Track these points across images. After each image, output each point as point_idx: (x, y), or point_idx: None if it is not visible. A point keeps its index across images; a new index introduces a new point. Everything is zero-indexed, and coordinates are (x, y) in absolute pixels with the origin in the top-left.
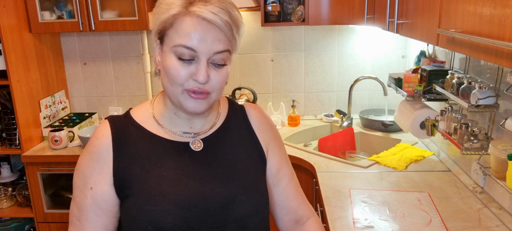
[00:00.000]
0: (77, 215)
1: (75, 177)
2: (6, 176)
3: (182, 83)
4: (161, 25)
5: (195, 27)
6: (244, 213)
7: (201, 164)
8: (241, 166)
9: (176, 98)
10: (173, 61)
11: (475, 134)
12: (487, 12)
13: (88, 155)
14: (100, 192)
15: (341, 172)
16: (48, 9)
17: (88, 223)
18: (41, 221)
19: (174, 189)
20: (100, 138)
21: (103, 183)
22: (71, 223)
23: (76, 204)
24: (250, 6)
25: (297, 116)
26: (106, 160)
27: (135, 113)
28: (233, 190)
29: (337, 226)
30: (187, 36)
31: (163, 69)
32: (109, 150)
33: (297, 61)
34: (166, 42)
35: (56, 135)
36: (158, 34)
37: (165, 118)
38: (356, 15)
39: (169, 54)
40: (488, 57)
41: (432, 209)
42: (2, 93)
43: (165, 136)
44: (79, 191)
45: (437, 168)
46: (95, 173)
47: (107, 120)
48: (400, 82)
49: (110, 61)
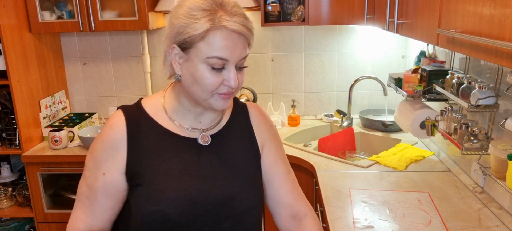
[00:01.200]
0: (86, 194)
1: (88, 158)
2: (6, 176)
3: (214, 89)
4: (188, 36)
5: (226, 40)
6: (241, 210)
7: (206, 160)
8: (241, 164)
9: (205, 101)
10: (205, 72)
11: (475, 134)
12: (487, 12)
13: (102, 143)
14: (111, 179)
15: (341, 172)
16: (48, 9)
17: (96, 203)
18: (41, 221)
19: (181, 183)
20: (115, 128)
21: (115, 171)
22: (79, 199)
23: (86, 184)
24: (250, 6)
25: (297, 116)
26: (119, 151)
27: (147, 105)
28: (232, 188)
29: (337, 226)
30: (221, 49)
31: (192, 77)
32: (123, 141)
33: (297, 61)
34: (195, 53)
35: (56, 135)
36: (179, 42)
37: (177, 114)
38: (356, 15)
39: (200, 65)
40: (488, 57)
41: (432, 209)
42: (2, 93)
43: (175, 130)
44: (91, 172)
45: (437, 168)
46: (109, 161)
47: (121, 110)
48: (400, 82)
49: (110, 61)
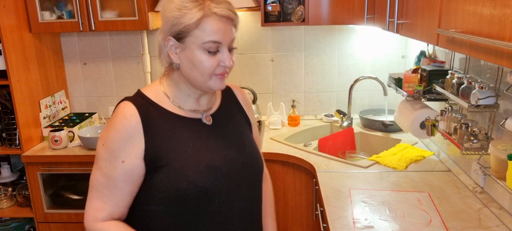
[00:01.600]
0: (104, 184)
1: (101, 150)
2: (6, 176)
3: (212, 71)
4: (184, 27)
5: (218, 25)
6: (254, 173)
7: (215, 136)
8: (243, 136)
9: (204, 84)
10: (203, 56)
11: (475, 134)
12: (487, 12)
13: (117, 133)
14: (131, 165)
15: (341, 172)
16: (48, 9)
17: (117, 190)
18: (41, 221)
19: (201, 157)
20: (128, 118)
21: (134, 157)
22: (96, 190)
23: (103, 174)
24: (250, 6)
25: (297, 116)
26: (136, 138)
27: (149, 93)
28: (244, 156)
29: (337, 226)
30: (214, 34)
31: (190, 63)
32: (139, 128)
33: (297, 61)
34: (191, 41)
35: (56, 135)
36: (175, 34)
37: (179, 99)
38: (356, 15)
39: (197, 51)
40: (488, 57)
41: (432, 209)
42: (2, 93)
43: (181, 113)
44: (107, 162)
45: (437, 168)
46: (126, 149)
47: (129, 101)
48: (400, 82)
49: (110, 61)
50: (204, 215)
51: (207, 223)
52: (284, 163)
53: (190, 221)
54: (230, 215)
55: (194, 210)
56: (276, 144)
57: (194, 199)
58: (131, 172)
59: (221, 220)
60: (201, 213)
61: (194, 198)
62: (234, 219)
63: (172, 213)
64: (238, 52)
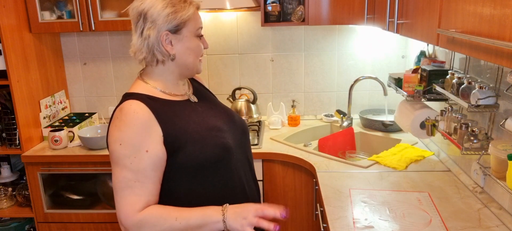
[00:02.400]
0: (134, 178)
1: (120, 150)
2: (6, 176)
3: (202, 53)
4: (180, 20)
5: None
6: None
7: (205, 108)
8: (220, 103)
9: (196, 67)
10: (197, 40)
11: (475, 134)
12: (487, 12)
13: (133, 128)
14: (155, 151)
15: (341, 172)
16: (48, 9)
17: (148, 180)
18: (41, 221)
19: (211, 123)
20: (140, 111)
21: (156, 144)
22: (127, 188)
23: (130, 169)
24: (250, 6)
25: (297, 116)
26: (153, 127)
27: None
28: (230, 113)
29: (337, 226)
30: (200, 21)
31: (188, 50)
32: (152, 118)
33: (297, 61)
34: (188, 30)
35: (56, 135)
36: (174, 29)
37: (168, 88)
38: (356, 15)
39: (193, 38)
40: (488, 57)
41: (432, 209)
42: (2, 93)
43: (174, 99)
44: (132, 158)
45: (437, 168)
46: (147, 138)
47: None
48: (400, 82)
49: (110, 61)
50: (230, 171)
51: (234, 178)
52: (284, 163)
53: (221, 181)
54: (243, 166)
55: (223, 170)
56: (276, 144)
57: (221, 159)
58: (157, 158)
59: (240, 172)
60: (229, 170)
61: (221, 158)
62: (245, 168)
63: (204, 181)
64: (238, 52)
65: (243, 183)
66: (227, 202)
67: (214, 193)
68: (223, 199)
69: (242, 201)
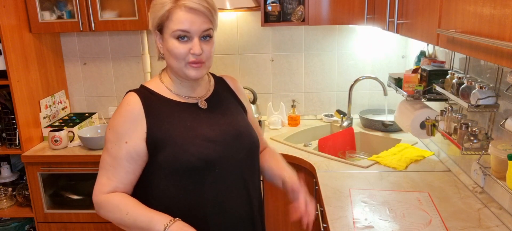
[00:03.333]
0: (110, 163)
1: (108, 134)
2: (6, 176)
3: (184, 57)
4: (159, 19)
5: (185, 16)
6: (249, 144)
7: (210, 116)
8: (236, 114)
9: (181, 71)
10: (174, 43)
11: (475, 134)
12: (487, 12)
13: (121, 117)
14: (134, 145)
15: (341, 172)
16: (48, 9)
17: (121, 168)
18: (41, 221)
19: (201, 131)
20: (131, 104)
21: (137, 139)
22: (103, 169)
23: (109, 154)
24: (250, 6)
25: (297, 116)
26: (139, 121)
27: (150, 85)
28: (238, 128)
29: (337, 226)
30: (181, 23)
31: (167, 52)
32: (141, 112)
33: (297, 61)
34: (165, 31)
35: (56, 135)
36: (157, 27)
37: (175, 87)
38: (356, 15)
39: (170, 39)
40: (488, 57)
41: (432, 209)
42: (2, 93)
43: (179, 99)
44: (113, 144)
45: (437, 168)
46: (130, 131)
47: (131, 92)
48: (400, 82)
49: (110, 61)
50: (205, 183)
51: (208, 190)
52: None
53: (193, 190)
54: (228, 182)
55: (197, 180)
56: (276, 144)
57: (196, 169)
58: (134, 151)
59: (221, 188)
60: (203, 181)
61: (197, 168)
62: (232, 186)
63: (178, 185)
64: (238, 52)
65: (220, 199)
66: (196, 213)
67: (184, 199)
68: (192, 208)
69: (211, 216)
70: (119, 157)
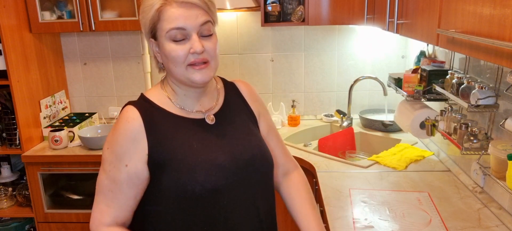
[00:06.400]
0: (109, 187)
1: (106, 153)
2: (6, 176)
3: (183, 60)
4: (150, 23)
5: (179, 11)
6: (262, 168)
7: (219, 134)
8: (247, 132)
9: (184, 76)
10: (171, 45)
11: (475, 134)
12: (487, 12)
13: (120, 136)
14: (134, 169)
15: (341, 172)
16: (48, 9)
17: (121, 194)
18: (41, 221)
19: (206, 156)
20: (131, 121)
21: (137, 161)
22: (101, 193)
23: (108, 176)
24: (250, 6)
25: (297, 116)
26: (140, 141)
27: (152, 97)
28: (251, 151)
29: (337, 226)
30: (175, 20)
31: (165, 57)
32: (141, 131)
33: (297, 61)
34: (159, 34)
35: (56, 135)
36: (150, 33)
37: (179, 100)
38: (356, 15)
39: (165, 42)
40: (488, 57)
41: (432, 209)
42: (2, 93)
43: (183, 114)
44: (112, 166)
45: (437, 168)
46: (130, 152)
47: (131, 105)
48: (400, 82)
49: (110, 61)
50: (212, 211)
51: (215, 218)
52: None
53: (199, 218)
54: (237, 210)
55: (203, 208)
56: None
57: (203, 198)
58: (135, 176)
59: (229, 216)
60: (210, 210)
61: (203, 197)
62: (241, 214)
63: (181, 212)
64: (238, 52)
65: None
66: None
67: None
68: None
69: None
70: (119, 180)
